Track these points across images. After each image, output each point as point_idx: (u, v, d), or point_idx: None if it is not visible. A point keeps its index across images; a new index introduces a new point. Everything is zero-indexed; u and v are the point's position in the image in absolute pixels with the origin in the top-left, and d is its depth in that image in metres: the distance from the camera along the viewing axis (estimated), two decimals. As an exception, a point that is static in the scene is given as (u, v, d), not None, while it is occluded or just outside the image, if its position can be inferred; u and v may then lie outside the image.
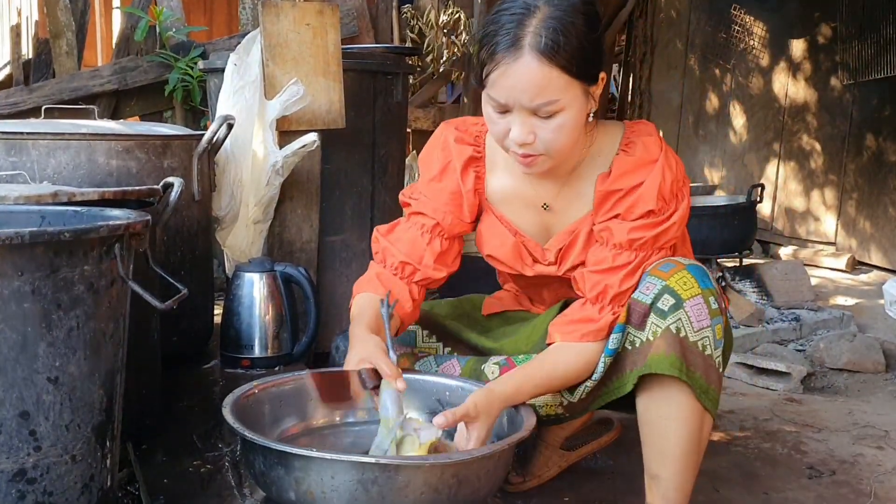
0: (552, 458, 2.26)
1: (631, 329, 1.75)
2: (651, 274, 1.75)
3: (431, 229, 1.92)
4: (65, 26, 4.69)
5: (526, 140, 1.68)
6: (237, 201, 2.84)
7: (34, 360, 1.32)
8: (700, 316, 1.70)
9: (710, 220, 4.14)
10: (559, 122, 1.66)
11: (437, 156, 1.95)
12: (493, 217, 1.94)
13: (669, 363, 1.68)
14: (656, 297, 1.71)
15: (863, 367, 3.50)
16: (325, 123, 2.86)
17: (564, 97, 1.64)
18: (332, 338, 2.80)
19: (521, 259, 1.94)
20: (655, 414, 1.77)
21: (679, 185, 1.80)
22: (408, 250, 1.92)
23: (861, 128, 5.35)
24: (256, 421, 1.74)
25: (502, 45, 1.62)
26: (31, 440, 1.34)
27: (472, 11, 5.69)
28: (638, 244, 1.77)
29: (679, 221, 1.81)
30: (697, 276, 1.73)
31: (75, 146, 2.30)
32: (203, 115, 4.57)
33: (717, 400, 1.75)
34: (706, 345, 1.72)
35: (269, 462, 1.53)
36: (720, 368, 1.75)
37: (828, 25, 5.50)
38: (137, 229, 1.45)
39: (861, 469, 2.42)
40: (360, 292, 1.92)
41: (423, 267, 1.92)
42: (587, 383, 1.83)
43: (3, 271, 1.26)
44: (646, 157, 1.78)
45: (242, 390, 1.80)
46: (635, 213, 1.77)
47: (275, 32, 2.79)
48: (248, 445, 1.60)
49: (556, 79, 1.61)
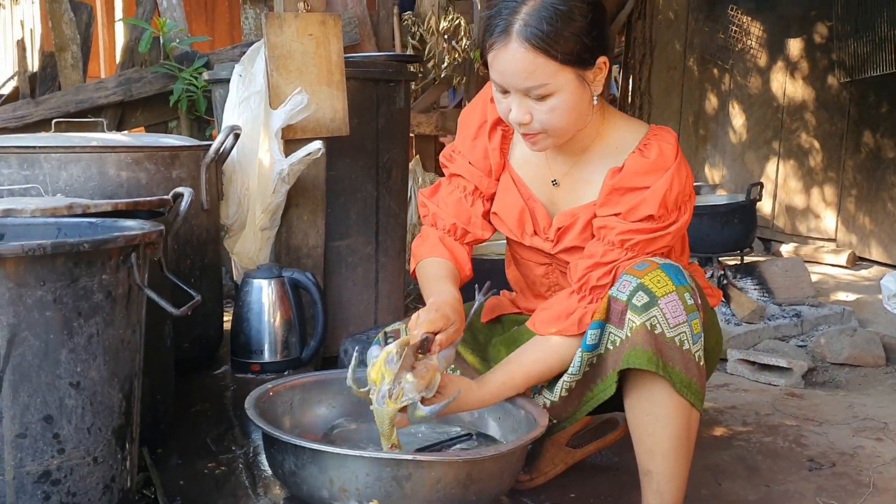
0: (558, 456, 2.30)
1: (612, 328, 1.79)
2: (627, 273, 1.80)
3: (473, 192, 2.03)
4: (70, 39, 4.75)
5: (522, 120, 1.77)
6: (244, 209, 2.89)
7: (57, 366, 1.38)
8: (675, 312, 1.74)
9: (710, 218, 4.18)
10: (552, 103, 1.74)
11: (477, 114, 2.05)
12: (510, 179, 2.01)
13: (646, 358, 1.73)
14: (631, 293, 1.76)
15: (863, 361, 3.55)
16: (330, 131, 2.91)
17: (554, 81, 1.72)
18: (339, 341, 2.87)
19: (522, 226, 2.00)
20: (640, 412, 1.82)
21: (684, 197, 1.85)
22: (455, 212, 2.03)
23: (859, 125, 5.39)
24: (274, 422, 1.79)
25: (496, 31, 1.73)
26: (54, 443, 1.40)
27: (473, 17, 5.74)
28: (629, 244, 1.83)
29: (675, 233, 1.86)
30: (671, 274, 1.77)
31: (86, 159, 2.36)
32: (208, 124, 4.62)
33: (700, 393, 1.79)
34: (683, 340, 1.75)
35: (302, 461, 1.57)
36: (701, 362, 1.78)
37: (824, 24, 5.55)
38: (152, 239, 1.51)
39: (861, 460, 2.46)
40: (426, 256, 2.02)
41: (472, 228, 2.03)
42: (565, 378, 1.88)
43: (26, 281, 1.32)
44: (659, 163, 1.83)
45: (259, 392, 1.85)
46: (636, 216, 1.82)
47: (278, 43, 2.84)
48: (277, 446, 1.64)
49: (542, 65, 1.70)
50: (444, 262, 1.99)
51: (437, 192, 2.07)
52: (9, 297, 1.31)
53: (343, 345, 2.78)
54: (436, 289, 1.90)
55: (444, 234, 2.03)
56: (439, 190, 2.08)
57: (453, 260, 2.00)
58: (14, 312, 1.32)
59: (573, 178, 1.95)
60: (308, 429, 1.93)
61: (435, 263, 1.99)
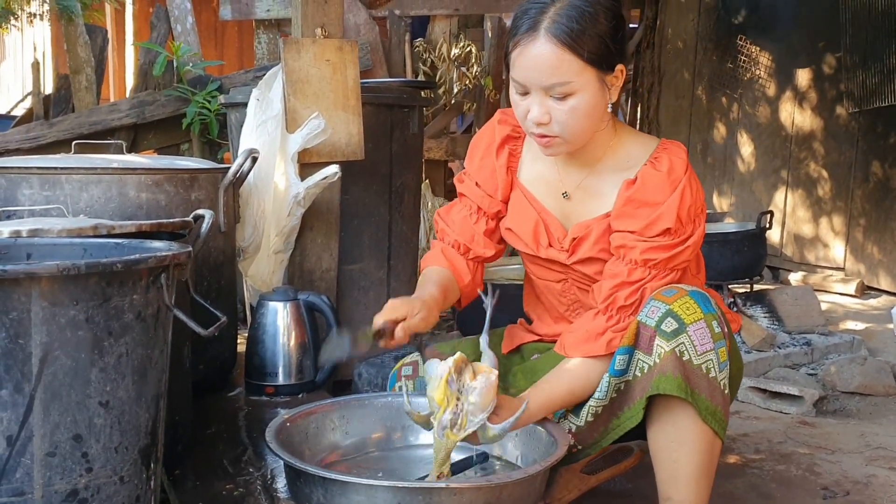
0: (572, 482, 2.30)
1: (640, 354, 1.81)
2: (655, 299, 1.81)
3: (476, 210, 2.08)
4: (84, 62, 4.80)
5: (542, 119, 1.80)
6: (260, 232, 2.91)
7: (87, 386, 1.39)
8: (703, 340, 1.77)
9: (720, 246, 4.20)
10: (573, 104, 1.78)
11: (486, 136, 2.10)
12: (521, 194, 2.05)
13: (676, 384, 1.74)
14: (660, 319, 1.78)
15: (874, 390, 3.55)
16: (345, 155, 2.94)
17: (578, 80, 1.76)
18: (353, 365, 2.87)
19: (537, 238, 2.02)
20: (664, 438, 1.83)
21: (697, 210, 1.87)
22: (460, 230, 2.09)
23: (867, 155, 5.41)
24: (294, 452, 1.77)
25: (523, 28, 1.77)
26: (83, 462, 1.41)
27: (483, 44, 5.79)
28: (652, 263, 1.85)
29: (693, 246, 1.88)
30: (700, 302, 1.79)
31: (107, 180, 2.38)
32: (220, 147, 4.65)
33: (724, 421, 1.81)
34: (710, 367, 1.77)
35: (331, 493, 1.56)
36: (726, 390, 1.80)
37: (832, 55, 5.58)
38: (181, 260, 1.52)
39: (874, 489, 2.46)
40: (428, 265, 2.10)
41: (475, 246, 2.08)
42: (591, 403, 1.88)
43: (60, 300, 1.33)
44: (672, 175, 1.86)
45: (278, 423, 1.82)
46: (653, 231, 1.84)
47: (296, 68, 2.87)
48: (304, 478, 1.63)
49: (568, 61, 1.74)
50: (441, 270, 2.06)
51: (450, 212, 2.14)
52: (42, 317, 1.33)
53: (357, 368, 2.79)
54: (417, 290, 1.97)
55: (448, 246, 2.09)
56: (452, 209, 2.15)
57: (451, 268, 2.06)
58: (47, 331, 1.34)
59: (585, 191, 1.97)
60: (328, 457, 1.93)
61: (431, 271, 2.06)
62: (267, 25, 5.27)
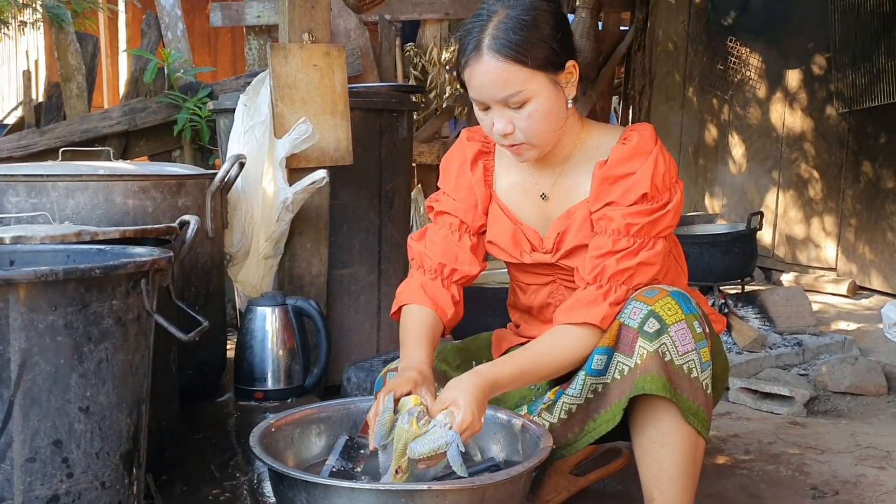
0: (561, 483, 2.30)
1: (620, 356, 1.80)
2: (636, 300, 1.81)
3: (459, 227, 2.05)
4: (75, 70, 4.80)
5: (505, 130, 1.84)
6: (248, 237, 2.91)
7: (66, 391, 1.39)
8: (684, 340, 1.77)
9: (711, 247, 4.20)
10: (530, 109, 1.81)
11: (456, 156, 2.10)
12: (498, 207, 2.05)
13: (661, 385, 1.74)
14: (643, 321, 1.78)
15: (865, 390, 3.55)
16: (334, 160, 2.94)
17: (528, 87, 1.79)
18: (342, 369, 2.88)
19: (518, 245, 2.02)
20: (647, 439, 1.83)
21: (672, 179, 1.90)
22: (442, 251, 2.03)
23: (858, 155, 5.42)
24: (278, 457, 1.77)
25: (469, 49, 1.81)
26: (63, 467, 1.41)
27: (474, 48, 5.79)
28: (635, 229, 1.85)
29: (674, 210, 1.90)
30: (681, 302, 1.80)
31: (93, 187, 2.38)
32: (211, 153, 4.66)
33: (707, 421, 1.81)
34: (692, 368, 1.77)
35: (314, 497, 1.56)
36: (708, 390, 1.81)
37: (822, 56, 5.59)
38: (162, 265, 1.52)
39: (863, 489, 2.47)
40: (406, 302, 2.01)
41: (459, 265, 2.03)
42: (565, 398, 1.88)
43: (38, 306, 1.34)
44: (641, 147, 1.89)
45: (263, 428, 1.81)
46: (630, 198, 1.86)
47: (283, 74, 2.88)
48: (287, 482, 1.62)
49: (514, 72, 1.78)
50: (424, 312, 1.98)
51: (425, 236, 2.08)
52: (21, 323, 1.33)
53: (346, 373, 2.80)
54: (407, 350, 1.90)
55: (429, 278, 2.02)
56: (427, 233, 2.09)
57: (433, 306, 1.98)
58: (26, 337, 1.34)
59: (561, 188, 1.99)
60: (313, 462, 1.93)
61: (414, 313, 1.98)
62: (257, 31, 5.28)
